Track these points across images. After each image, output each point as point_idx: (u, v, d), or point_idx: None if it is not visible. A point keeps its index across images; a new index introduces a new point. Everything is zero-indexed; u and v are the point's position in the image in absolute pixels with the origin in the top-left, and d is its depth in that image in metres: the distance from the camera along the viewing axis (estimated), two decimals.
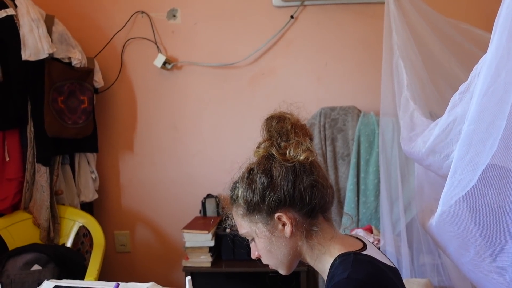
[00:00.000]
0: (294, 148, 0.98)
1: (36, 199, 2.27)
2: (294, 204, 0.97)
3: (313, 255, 1.01)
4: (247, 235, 1.05)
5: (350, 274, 0.88)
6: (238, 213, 1.03)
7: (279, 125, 1.02)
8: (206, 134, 2.63)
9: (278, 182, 0.97)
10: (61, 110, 2.29)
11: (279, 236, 0.99)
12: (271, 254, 1.02)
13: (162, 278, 1.83)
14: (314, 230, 0.99)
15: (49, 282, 1.54)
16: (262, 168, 0.99)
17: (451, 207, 1.02)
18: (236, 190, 1.03)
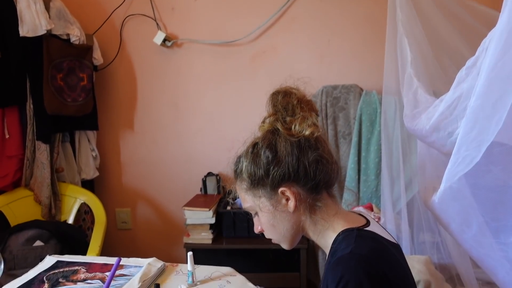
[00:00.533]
0: (299, 123, 0.97)
1: (37, 176, 2.27)
2: (298, 179, 0.97)
3: (316, 230, 1.01)
4: (250, 209, 1.05)
5: (353, 250, 0.88)
6: (241, 187, 1.03)
7: (284, 99, 1.01)
8: (207, 112, 2.61)
9: (283, 156, 0.96)
10: (60, 87, 2.27)
11: (283, 211, 0.99)
12: (274, 228, 1.02)
13: (164, 255, 1.84)
14: (317, 205, 0.99)
15: (51, 257, 1.55)
16: (266, 143, 0.98)
17: (454, 184, 1.02)
18: (240, 164, 1.02)
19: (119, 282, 1.35)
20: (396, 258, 0.96)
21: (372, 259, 0.87)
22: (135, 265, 1.48)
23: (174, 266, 1.53)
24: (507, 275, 1.02)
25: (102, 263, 1.51)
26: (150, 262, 1.47)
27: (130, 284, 1.32)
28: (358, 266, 0.85)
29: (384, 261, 0.90)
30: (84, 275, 1.42)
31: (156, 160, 2.68)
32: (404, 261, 1.00)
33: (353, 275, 0.84)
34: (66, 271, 1.45)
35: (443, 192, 1.08)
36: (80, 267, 1.48)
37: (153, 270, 1.42)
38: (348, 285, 0.83)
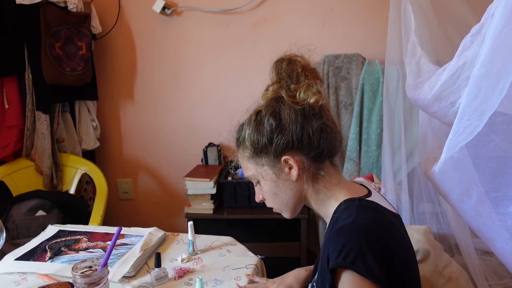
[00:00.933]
0: (304, 91, 0.96)
1: (37, 146, 2.27)
2: (302, 147, 0.96)
3: (318, 199, 1.01)
4: (252, 177, 1.05)
5: (355, 219, 0.88)
6: (244, 155, 1.02)
7: (289, 67, 0.99)
8: (207, 82, 2.59)
9: (287, 124, 0.96)
10: (58, 56, 2.24)
11: (285, 179, 0.99)
12: (276, 197, 1.02)
13: (165, 225, 1.86)
14: (320, 174, 0.99)
15: (53, 227, 1.57)
16: (270, 110, 0.97)
17: (455, 154, 1.01)
18: (243, 132, 1.01)
19: (121, 251, 1.37)
20: (397, 228, 0.96)
21: (373, 228, 0.88)
22: (136, 234, 1.49)
23: (175, 235, 1.54)
24: (505, 245, 1.02)
25: (104, 233, 1.53)
26: (151, 232, 1.49)
27: (132, 253, 1.33)
28: (360, 235, 0.86)
29: (385, 231, 0.90)
30: (86, 244, 1.44)
31: (156, 130, 2.68)
32: (404, 231, 1.01)
33: (355, 244, 0.84)
34: (68, 240, 1.47)
35: (443, 162, 1.07)
36: (82, 236, 1.50)
37: (154, 240, 1.43)
38: (350, 254, 0.83)
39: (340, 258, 0.83)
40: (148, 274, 1.27)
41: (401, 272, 0.89)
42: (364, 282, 0.82)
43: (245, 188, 2.31)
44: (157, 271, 1.23)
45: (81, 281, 1.06)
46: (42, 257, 1.35)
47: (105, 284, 1.11)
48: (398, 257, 0.88)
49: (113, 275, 1.22)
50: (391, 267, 0.85)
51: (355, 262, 0.82)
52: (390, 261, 0.85)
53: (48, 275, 1.25)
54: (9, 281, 1.24)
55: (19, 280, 1.24)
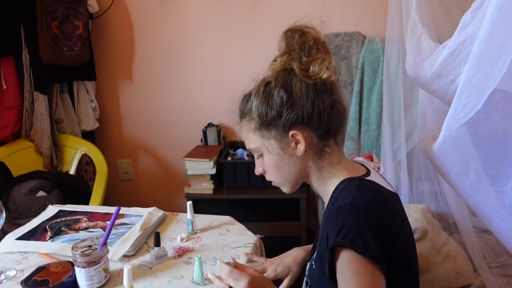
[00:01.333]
0: (318, 65, 0.93)
1: (36, 127, 2.27)
2: (311, 123, 0.94)
3: (320, 177, 1.00)
4: (255, 150, 1.02)
5: (354, 199, 0.88)
6: (249, 127, 1.00)
7: (301, 39, 0.95)
8: (206, 62, 2.56)
9: (298, 98, 0.93)
10: (55, 36, 2.21)
11: (291, 154, 0.97)
12: (279, 171, 1.00)
13: (165, 205, 1.87)
14: (326, 151, 0.98)
15: (53, 207, 1.58)
16: (281, 82, 0.94)
17: (454, 132, 1.01)
18: (249, 104, 0.98)
19: (120, 230, 1.37)
20: (395, 207, 0.96)
21: (373, 208, 0.88)
22: (136, 214, 1.50)
23: (175, 215, 1.55)
24: (503, 223, 1.02)
25: (104, 212, 1.53)
26: (151, 211, 1.49)
27: (131, 233, 1.34)
28: (359, 215, 0.86)
29: (384, 210, 0.90)
30: (86, 224, 1.44)
31: (156, 110, 2.67)
32: (402, 210, 1.01)
33: (354, 223, 0.84)
34: (68, 220, 1.48)
35: (442, 140, 1.06)
36: (82, 216, 1.50)
37: (153, 219, 1.44)
38: (349, 233, 0.83)
39: (339, 237, 0.84)
40: (147, 253, 1.28)
41: (399, 251, 0.90)
42: (362, 261, 0.83)
43: (244, 168, 2.32)
44: (157, 250, 1.24)
45: (81, 260, 1.07)
46: (43, 237, 1.36)
47: (105, 263, 1.12)
48: (397, 237, 0.89)
49: (113, 254, 1.23)
50: (389, 247, 0.86)
51: (355, 242, 0.82)
52: (389, 240, 0.86)
53: (48, 254, 1.26)
54: (11, 260, 1.25)
55: (20, 259, 1.25)
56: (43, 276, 1.11)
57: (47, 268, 1.15)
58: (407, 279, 0.96)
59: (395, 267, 0.88)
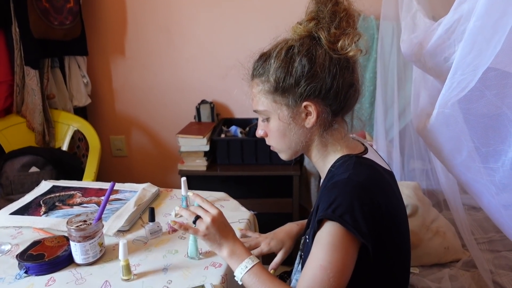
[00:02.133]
0: (349, 40, 0.90)
1: (28, 102, 2.24)
2: (327, 98, 0.93)
3: (321, 151, 1.00)
4: (263, 112, 1.00)
5: (351, 175, 0.89)
6: (262, 88, 0.96)
7: (333, 8, 0.91)
8: (201, 38, 2.53)
9: (320, 70, 0.91)
10: (45, 9, 2.17)
11: (300, 124, 0.96)
12: (284, 138, 0.99)
13: (159, 181, 1.87)
14: (334, 127, 0.97)
15: (47, 182, 1.58)
16: (305, 49, 0.91)
17: (447, 109, 1.01)
18: (267, 64, 0.95)
19: (115, 206, 1.38)
20: (390, 185, 0.98)
21: (367, 186, 0.89)
22: (130, 190, 1.51)
23: (169, 191, 1.56)
24: (492, 199, 1.04)
25: (98, 188, 1.54)
26: (145, 187, 1.50)
27: (125, 208, 1.35)
28: (353, 191, 0.87)
29: (379, 189, 0.91)
30: (80, 199, 1.45)
31: (149, 86, 2.64)
32: (396, 188, 1.03)
33: (346, 199, 0.86)
34: (62, 195, 1.48)
35: (435, 118, 1.07)
36: (76, 191, 1.51)
37: (147, 195, 1.45)
38: (339, 208, 0.85)
39: (329, 210, 0.85)
40: (142, 228, 1.29)
41: (391, 229, 0.92)
42: (346, 236, 0.85)
43: (238, 146, 2.32)
44: (151, 225, 1.25)
45: (76, 234, 1.08)
46: (37, 212, 1.36)
47: (99, 238, 1.13)
48: (389, 215, 0.90)
49: (107, 229, 1.24)
50: (379, 225, 0.87)
51: (343, 216, 0.84)
52: (379, 219, 0.87)
53: (43, 229, 1.27)
54: (5, 235, 1.26)
55: (15, 234, 1.26)
56: (39, 250, 1.12)
57: (42, 242, 1.16)
58: (399, 256, 0.98)
59: (387, 244, 0.90)
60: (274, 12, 2.40)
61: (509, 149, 0.94)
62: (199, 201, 1.05)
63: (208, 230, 0.99)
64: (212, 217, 1.00)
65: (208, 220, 0.99)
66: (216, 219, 1.00)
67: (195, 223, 1.03)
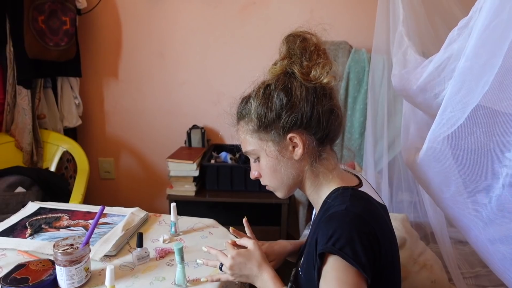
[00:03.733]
0: (320, 69, 0.94)
1: (18, 122, 2.23)
2: (310, 127, 0.95)
3: (314, 182, 1.01)
4: (252, 152, 1.02)
5: (348, 207, 0.90)
6: (247, 128, 0.99)
7: (302, 44, 0.96)
8: (194, 63, 2.56)
9: (298, 101, 0.93)
10: (42, 30, 2.18)
11: (288, 158, 0.97)
12: (275, 174, 1.00)
13: (147, 205, 1.85)
14: (323, 156, 0.98)
15: (34, 204, 1.55)
16: (281, 85, 0.95)
17: (437, 144, 1.04)
18: (248, 105, 0.98)
19: (102, 230, 1.36)
20: (384, 219, 0.98)
21: (365, 218, 0.89)
22: (118, 214, 1.49)
23: (157, 216, 1.54)
24: (479, 234, 1.06)
25: (85, 211, 1.52)
26: (133, 212, 1.48)
27: (113, 232, 1.33)
28: (351, 223, 0.87)
29: (375, 221, 0.92)
30: (67, 222, 1.43)
31: (140, 110, 2.65)
32: (389, 221, 1.03)
33: (345, 231, 0.86)
34: (49, 217, 1.46)
35: (425, 152, 1.09)
36: (63, 214, 1.49)
37: (136, 220, 1.43)
38: (339, 240, 0.85)
39: (329, 243, 0.85)
40: (129, 254, 1.27)
41: (385, 261, 0.92)
42: (348, 269, 0.85)
43: (227, 172, 2.32)
44: (139, 250, 1.23)
45: (63, 258, 1.06)
46: (22, 234, 1.33)
47: (86, 262, 1.11)
48: (384, 247, 0.91)
49: (94, 253, 1.22)
50: (377, 257, 0.87)
51: (343, 249, 0.84)
52: (376, 251, 0.87)
53: (28, 251, 1.24)
54: None
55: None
56: (23, 274, 1.09)
57: (26, 265, 1.13)
58: None
59: (381, 276, 0.90)
60: (266, 39, 2.45)
61: (496, 185, 0.96)
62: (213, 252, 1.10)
63: (234, 275, 1.05)
64: (230, 266, 1.04)
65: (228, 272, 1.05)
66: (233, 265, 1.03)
67: (221, 269, 1.08)
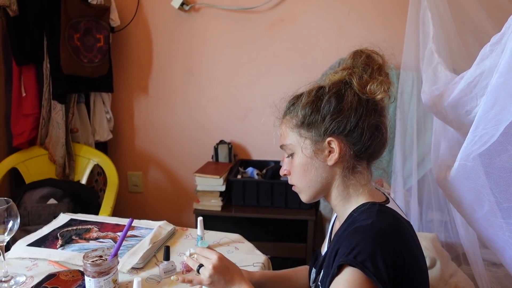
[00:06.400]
0: (377, 84, 0.95)
1: (52, 135, 2.30)
2: (351, 136, 0.95)
3: (342, 194, 1.00)
4: (288, 147, 1.02)
5: (374, 222, 0.89)
6: (291, 122, 1.01)
7: (367, 60, 0.98)
8: (222, 80, 2.60)
9: (346, 108, 0.95)
10: (77, 47, 2.26)
11: (322, 161, 0.98)
12: (305, 174, 1.00)
13: (173, 219, 1.87)
14: (357, 169, 0.98)
15: (65, 215, 1.59)
16: (335, 89, 0.97)
17: (469, 162, 1.01)
18: (298, 102, 1.00)
19: (130, 242, 1.38)
20: (412, 236, 0.96)
21: (390, 235, 0.88)
22: (146, 227, 1.51)
23: (184, 230, 1.56)
24: None
25: (114, 223, 1.55)
26: (161, 225, 1.50)
27: (141, 245, 1.35)
28: (376, 238, 0.86)
29: (401, 238, 0.90)
30: (97, 234, 1.46)
31: (169, 125, 2.70)
32: (416, 239, 1.01)
33: (368, 245, 0.85)
34: (79, 229, 1.49)
35: (456, 170, 1.07)
36: (93, 226, 1.52)
37: (163, 233, 1.45)
38: (361, 254, 0.84)
39: (350, 255, 0.84)
40: (156, 267, 1.28)
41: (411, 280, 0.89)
42: (367, 283, 0.83)
43: (254, 187, 2.33)
44: (166, 264, 1.24)
45: (92, 269, 1.08)
46: (54, 244, 1.37)
47: (114, 274, 1.12)
48: (410, 266, 0.89)
49: (122, 265, 1.24)
50: (399, 275, 0.85)
51: (365, 263, 0.83)
52: (400, 268, 0.86)
53: (58, 262, 1.27)
54: (21, 266, 1.26)
55: (31, 266, 1.26)
56: (53, 284, 1.12)
57: (57, 276, 1.16)
58: None
59: None
60: (293, 56, 2.47)
61: None
62: (198, 251, 1.06)
63: (212, 277, 1.00)
64: (213, 264, 1.00)
65: (209, 267, 1.00)
66: (218, 265, 1.00)
67: (198, 271, 1.03)
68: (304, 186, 1.02)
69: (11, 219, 1.16)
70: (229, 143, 2.57)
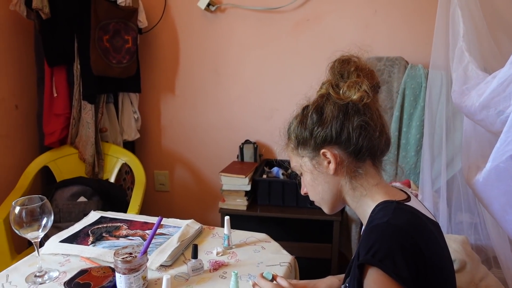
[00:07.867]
0: (348, 87, 0.98)
1: (82, 135, 2.36)
2: (339, 142, 0.98)
3: (354, 197, 1.02)
4: (295, 168, 1.08)
5: (390, 220, 0.88)
6: (290, 146, 1.07)
7: (342, 66, 1.02)
8: (247, 80, 2.61)
9: (328, 119, 0.98)
10: (106, 49, 2.31)
11: (323, 172, 1.01)
12: (314, 189, 1.05)
13: (199, 217, 1.88)
14: (358, 172, 1.00)
15: (96, 213, 1.63)
16: (315, 105, 1.01)
17: (501, 163, 0.99)
18: (291, 126, 1.06)
19: (159, 240, 1.41)
20: (434, 234, 0.95)
21: (407, 231, 0.87)
22: (174, 225, 1.53)
23: (211, 229, 1.57)
24: None
25: (143, 221, 1.58)
26: (189, 224, 1.52)
27: (169, 243, 1.37)
28: (392, 235, 0.86)
29: (420, 236, 0.89)
30: (126, 232, 1.49)
31: (195, 124, 2.73)
32: (442, 240, 0.99)
33: (385, 244, 0.85)
34: (109, 226, 1.52)
35: (488, 171, 1.05)
36: (122, 223, 1.55)
37: (191, 231, 1.47)
38: (379, 252, 0.83)
39: (369, 255, 0.84)
40: (184, 265, 1.30)
41: (434, 279, 0.88)
42: (389, 281, 0.82)
43: (279, 187, 2.33)
44: (194, 262, 1.26)
45: (122, 266, 1.11)
46: (85, 241, 1.40)
47: (143, 271, 1.15)
48: (432, 263, 0.87)
49: (151, 262, 1.26)
50: (421, 272, 0.84)
51: (383, 261, 0.82)
52: (421, 265, 0.85)
53: (90, 258, 1.31)
54: (54, 261, 1.30)
55: (63, 262, 1.30)
56: (85, 279, 1.15)
57: (89, 272, 1.19)
58: None
59: None
60: (319, 56, 2.44)
61: None
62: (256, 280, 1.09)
63: None
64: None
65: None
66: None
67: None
68: (319, 199, 1.07)
69: (45, 216, 1.19)
70: (255, 143, 2.58)
